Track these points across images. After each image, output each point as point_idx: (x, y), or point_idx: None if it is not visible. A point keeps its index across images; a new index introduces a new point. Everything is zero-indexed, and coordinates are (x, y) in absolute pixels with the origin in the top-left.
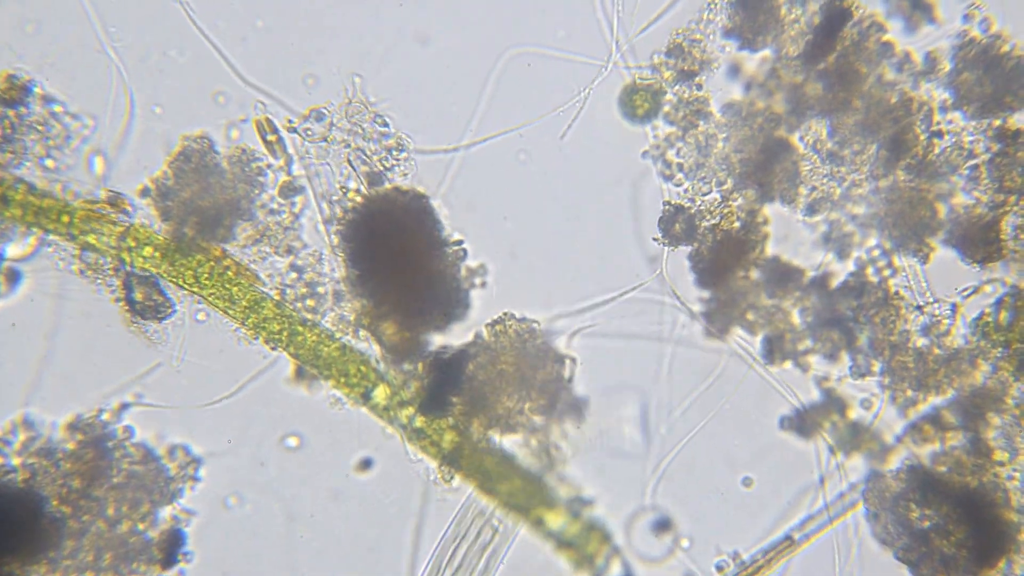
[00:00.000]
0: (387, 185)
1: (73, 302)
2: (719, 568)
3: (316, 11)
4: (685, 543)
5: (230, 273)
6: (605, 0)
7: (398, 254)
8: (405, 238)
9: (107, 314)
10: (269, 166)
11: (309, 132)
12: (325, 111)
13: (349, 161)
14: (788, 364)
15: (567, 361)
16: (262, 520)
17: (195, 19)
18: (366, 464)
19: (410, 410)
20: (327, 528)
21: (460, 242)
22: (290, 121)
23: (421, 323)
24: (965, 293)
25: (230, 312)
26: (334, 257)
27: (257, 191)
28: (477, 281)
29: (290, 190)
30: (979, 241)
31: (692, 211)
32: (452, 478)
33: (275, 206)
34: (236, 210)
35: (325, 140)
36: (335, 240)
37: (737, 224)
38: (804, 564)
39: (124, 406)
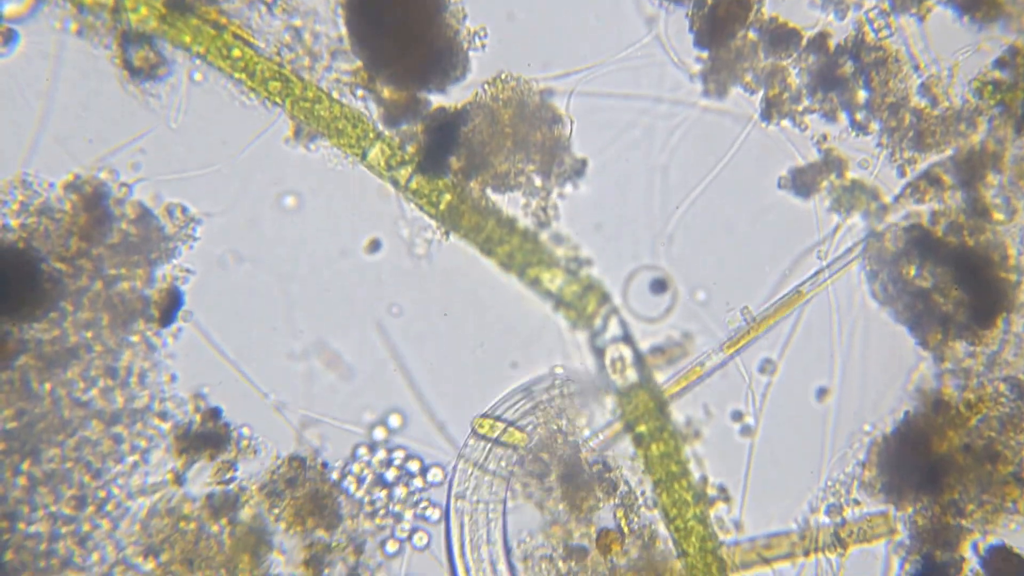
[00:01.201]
0: None
1: (70, 63)
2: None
3: None
4: (700, 296)
5: (227, 34)
6: None
7: (398, 14)
8: None
9: (104, 75)
10: None
11: None
12: None
13: None
14: (786, 124)
15: (565, 121)
16: (259, 279)
17: None
18: (375, 246)
19: (408, 170)
20: (322, 287)
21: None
22: None
23: (420, 83)
24: (963, 52)
25: (228, 71)
26: (332, 16)
27: None
28: (477, 43)
29: None
30: (977, 0)
31: None
32: (449, 236)
33: None
34: None
35: None
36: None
37: None
38: (806, 322)
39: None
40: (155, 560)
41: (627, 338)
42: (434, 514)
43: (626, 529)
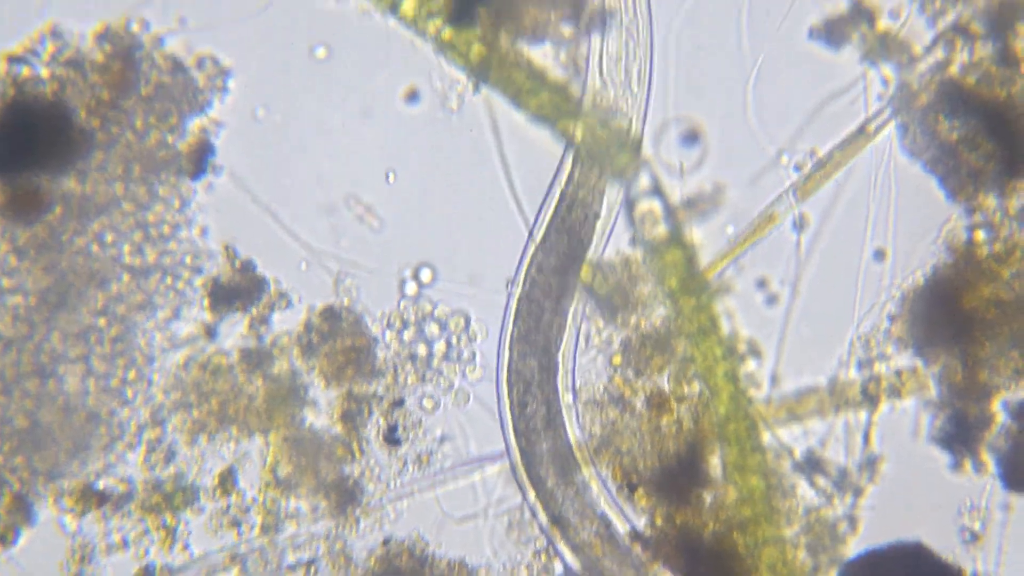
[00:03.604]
0: None
1: None
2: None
3: None
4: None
5: None
6: None
7: None
8: None
9: None
10: None
11: None
12: None
13: None
14: None
15: None
16: (291, 131)
17: None
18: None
19: (438, 22)
20: (357, 139)
21: None
22: None
23: None
24: None
25: None
26: None
27: None
28: None
29: None
30: None
31: None
32: (479, 90)
33: None
34: None
35: None
36: None
37: None
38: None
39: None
40: (187, 415)
41: (657, 191)
42: (475, 374)
43: (680, 391)
